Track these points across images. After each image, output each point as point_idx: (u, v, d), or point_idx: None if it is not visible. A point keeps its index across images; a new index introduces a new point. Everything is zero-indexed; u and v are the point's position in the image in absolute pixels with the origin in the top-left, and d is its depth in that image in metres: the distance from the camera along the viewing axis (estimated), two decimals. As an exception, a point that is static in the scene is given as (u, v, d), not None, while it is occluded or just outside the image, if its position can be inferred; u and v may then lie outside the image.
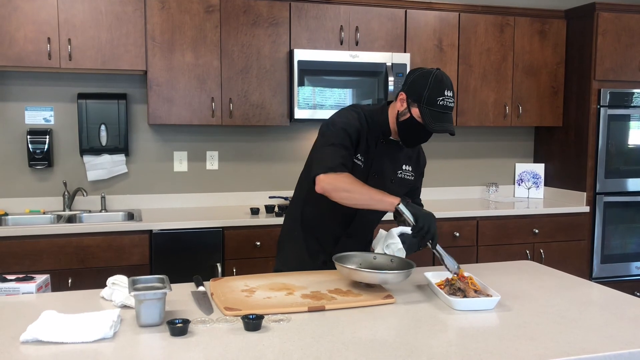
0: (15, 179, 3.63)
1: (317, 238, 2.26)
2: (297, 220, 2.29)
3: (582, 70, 4.14)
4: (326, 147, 2.04)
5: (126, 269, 3.19)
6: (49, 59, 3.29)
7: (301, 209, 2.27)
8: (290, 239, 2.33)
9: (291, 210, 2.37)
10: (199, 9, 3.50)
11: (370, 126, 2.12)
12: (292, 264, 2.25)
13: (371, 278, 1.88)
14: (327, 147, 2.04)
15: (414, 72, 2.05)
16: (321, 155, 2.04)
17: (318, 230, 2.25)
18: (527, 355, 1.41)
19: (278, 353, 1.42)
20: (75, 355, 1.40)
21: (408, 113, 2.02)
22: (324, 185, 1.97)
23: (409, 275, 1.92)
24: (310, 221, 2.25)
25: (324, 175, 1.98)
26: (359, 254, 2.08)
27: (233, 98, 3.60)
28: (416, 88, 1.99)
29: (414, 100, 1.99)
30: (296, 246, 2.29)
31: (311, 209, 2.23)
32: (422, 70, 2.04)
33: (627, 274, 4.23)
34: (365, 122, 2.12)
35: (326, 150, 2.03)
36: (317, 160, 2.05)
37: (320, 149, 2.07)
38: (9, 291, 1.92)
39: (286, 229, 2.37)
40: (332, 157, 2.00)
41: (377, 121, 2.13)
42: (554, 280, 2.15)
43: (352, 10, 3.77)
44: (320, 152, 2.06)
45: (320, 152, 2.06)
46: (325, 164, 2.00)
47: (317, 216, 2.23)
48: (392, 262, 2.05)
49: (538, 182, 4.51)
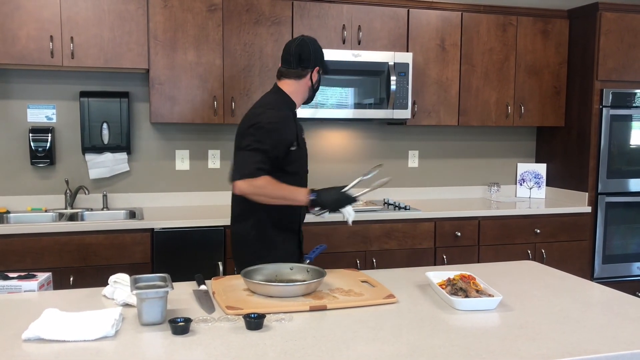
0: (17, 177, 3.63)
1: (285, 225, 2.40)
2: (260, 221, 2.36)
3: (584, 70, 4.14)
4: (253, 152, 2.20)
5: (128, 268, 3.19)
6: (51, 57, 3.29)
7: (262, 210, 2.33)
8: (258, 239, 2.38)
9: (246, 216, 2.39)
10: (201, 8, 3.50)
11: (292, 112, 2.41)
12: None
13: (279, 292, 1.83)
14: (246, 151, 2.21)
15: (291, 45, 2.37)
16: (244, 160, 2.21)
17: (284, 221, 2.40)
18: (528, 356, 1.41)
19: (280, 352, 1.42)
20: (77, 354, 1.40)
21: (317, 77, 2.43)
22: (242, 190, 2.18)
23: (318, 285, 1.90)
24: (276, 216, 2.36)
25: (241, 181, 2.17)
26: (273, 266, 2.05)
27: (235, 97, 3.60)
28: (318, 57, 2.40)
29: (321, 66, 2.42)
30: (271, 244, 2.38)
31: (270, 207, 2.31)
32: (305, 40, 2.38)
33: (628, 274, 4.23)
34: (290, 111, 2.38)
35: (244, 155, 2.21)
36: (236, 165, 2.23)
37: (246, 154, 2.21)
38: (11, 289, 1.93)
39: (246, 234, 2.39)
40: (249, 163, 2.18)
41: (288, 103, 2.39)
42: (556, 280, 2.15)
43: (354, 9, 3.77)
44: (244, 156, 2.22)
45: (244, 157, 2.22)
46: (242, 170, 2.18)
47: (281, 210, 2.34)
48: (307, 272, 2.02)
49: (540, 182, 4.50)
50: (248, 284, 1.88)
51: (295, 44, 2.37)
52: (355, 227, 3.57)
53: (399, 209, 3.76)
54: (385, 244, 3.64)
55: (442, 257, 3.75)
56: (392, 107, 3.76)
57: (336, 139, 4.17)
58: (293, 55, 2.36)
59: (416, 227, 3.69)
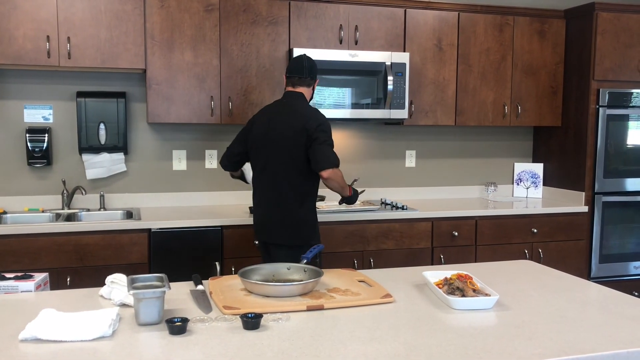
0: (14, 177, 3.63)
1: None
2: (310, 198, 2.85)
3: (581, 70, 4.15)
4: (329, 147, 2.72)
5: (125, 268, 3.19)
6: (48, 57, 3.29)
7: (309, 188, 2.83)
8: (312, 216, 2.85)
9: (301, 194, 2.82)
10: (198, 8, 3.50)
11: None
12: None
13: (276, 291, 1.84)
14: (326, 145, 2.71)
15: (303, 60, 2.82)
16: (328, 153, 2.70)
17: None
18: (525, 355, 1.42)
19: (277, 352, 1.42)
20: (74, 354, 1.40)
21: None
22: (330, 176, 2.66)
23: (315, 284, 1.90)
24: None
25: (331, 169, 2.66)
26: (270, 266, 2.06)
27: (232, 97, 3.60)
28: (315, 71, 2.86)
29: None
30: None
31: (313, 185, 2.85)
32: (304, 57, 2.84)
33: (625, 273, 4.24)
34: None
35: (327, 149, 2.71)
36: (327, 156, 2.69)
37: (326, 148, 2.70)
38: (8, 289, 1.92)
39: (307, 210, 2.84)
40: (333, 155, 2.71)
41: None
42: (553, 279, 2.16)
43: (351, 9, 3.77)
44: (326, 149, 2.70)
45: (327, 150, 2.70)
46: (332, 160, 2.68)
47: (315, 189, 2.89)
48: (305, 272, 2.03)
49: (537, 182, 4.51)
50: (245, 284, 1.88)
51: (306, 58, 2.84)
52: (352, 227, 3.58)
53: (396, 209, 3.77)
54: (382, 244, 3.64)
55: (439, 257, 3.76)
56: (389, 107, 3.76)
57: (334, 139, 4.16)
58: (306, 68, 2.82)
59: (413, 227, 3.70)
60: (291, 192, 2.75)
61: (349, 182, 3.52)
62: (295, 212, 2.76)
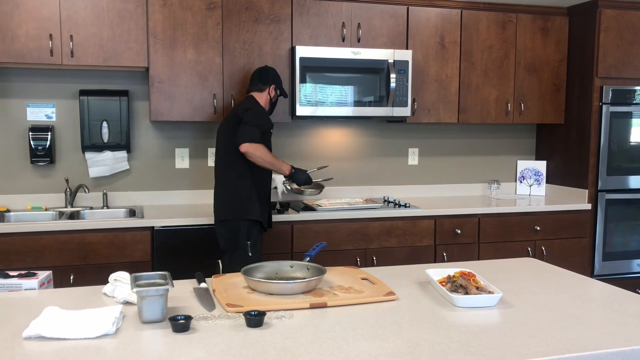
0: (17, 175, 3.64)
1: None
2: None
3: (584, 68, 4.14)
4: (252, 126, 2.98)
5: (128, 266, 3.20)
6: (50, 56, 3.29)
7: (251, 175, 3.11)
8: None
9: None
10: (200, 6, 3.50)
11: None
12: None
13: (279, 289, 1.84)
14: (252, 126, 2.98)
15: (265, 71, 3.25)
16: (247, 130, 2.97)
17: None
18: (528, 352, 1.41)
19: (280, 349, 1.42)
20: (78, 352, 1.41)
21: (275, 95, 3.28)
22: (247, 150, 2.94)
23: (318, 282, 1.90)
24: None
25: (247, 144, 2.94)
26: (273, 264, 2.07)
27: (235, 95, 3.60)
28: (277, 80, 3.27)
29: (277, 87, 3.27)
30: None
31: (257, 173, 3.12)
32: (266, 68, 3.27)
33: (628, 271, 4.23)
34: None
35: (247, 128, 2.98)
36: (244, 133, 2.95)
37: (247, 127, 2.97)
38: (12, 287, 1.93)
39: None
40: (253, 132, 2.97)
41: (264, 106, 3.23)
42: (556, 277, 2.15)
43: (354, 7, 3.76)
44: (246, 128, 2.97)
45: (246, 128, 2.97)
46: (249, 137, 2.95)
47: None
48: (308, 270, 2.03)
49: (540, 180, 4.50)
50: (248, 282, 1.88)
51: (261, 68, 3.26)
52: (355, 224, 3.58)
53: (399, 207, 3.76)
54: (385, 242, 3.64)
55: (442, 255, 3.76)
56: (391, 105, 3.76)
57: (336, 137, 4.17)
58: (256, 75, 3.25)
59: (416, 225, 3.70)
60: (232, 172, 3.07)
61: (315, 169, 3.78)
62: (232, 189, 3.06)
